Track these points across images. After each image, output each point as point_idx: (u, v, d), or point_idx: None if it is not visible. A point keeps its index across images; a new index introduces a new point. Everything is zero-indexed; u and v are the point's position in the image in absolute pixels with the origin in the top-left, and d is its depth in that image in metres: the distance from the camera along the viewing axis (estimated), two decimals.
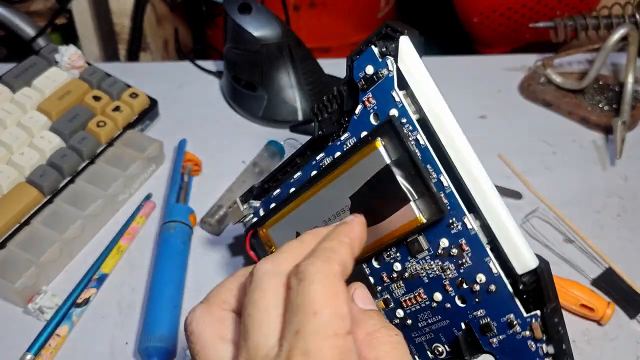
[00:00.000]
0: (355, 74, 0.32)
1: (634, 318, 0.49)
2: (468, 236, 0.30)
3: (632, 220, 0.56)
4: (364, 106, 0.32)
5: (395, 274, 0.34)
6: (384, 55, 0.31)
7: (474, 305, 0.31)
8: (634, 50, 0.62)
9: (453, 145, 0.29)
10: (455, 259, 0.31)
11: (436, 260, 0.32)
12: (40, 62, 0.58)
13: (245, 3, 0.58)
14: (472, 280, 0.31)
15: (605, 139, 0.64)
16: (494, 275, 0.30)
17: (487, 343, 0.31)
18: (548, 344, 0.29)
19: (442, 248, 0.31)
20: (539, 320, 0.29)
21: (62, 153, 0.52)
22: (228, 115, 0.64)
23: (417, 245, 0.32)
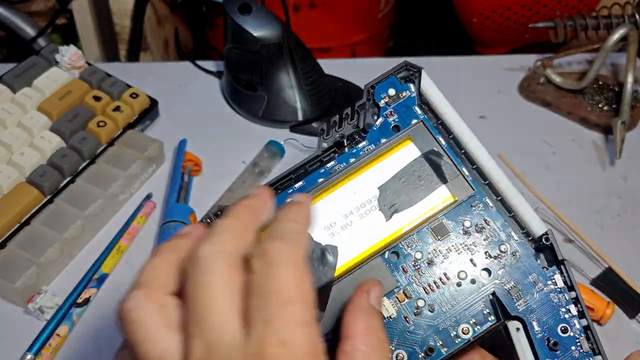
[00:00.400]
0: (377, 96, 0.38)
1: (633, 318, 0.49)
2: (489, 213, 0.36)
3: (632, 220, 0.56)
4: (385, 118, 0.38)
5: (417, 262, 0.36)
6: (406, 81, 0.39)
7: (499, 275, 0.35)
8: (634, 50, 0.62)
9: (468, 145, 0.37)
10: (479, 234, 0.36)
11: (460, 240, 0.36)
12: (40, 62, 0.58)
13: (245, 3, 0.58)
14: (497, 252, 0.36)
15: (605, 139, 0.64)
16: (516, 241, 0.36)
17: (513, 308, 0.35)
18: (569, 291, 0.35)
19: (466, 227, 0.36)
20: (557, 272, 0.35)
21: (63, 153, 0.52)
22: (228, 115, 0.64)
23: (442, 230, 0.36)
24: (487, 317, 0.35)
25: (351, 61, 0.78)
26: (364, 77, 0.68)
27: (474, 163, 0.37)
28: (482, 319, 0.35)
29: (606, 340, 0.47)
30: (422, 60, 0.74)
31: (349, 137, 0.38)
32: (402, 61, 0.39)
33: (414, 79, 0.38)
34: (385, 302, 0.35)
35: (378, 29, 1.02)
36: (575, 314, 0.35)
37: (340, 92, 0.65)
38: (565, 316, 0.35)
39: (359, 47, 1.01)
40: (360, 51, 1.01)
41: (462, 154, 0.37)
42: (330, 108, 0.63)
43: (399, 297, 0.35)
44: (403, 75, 0.39)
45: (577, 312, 0.35)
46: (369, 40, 1.01)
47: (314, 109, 0.62)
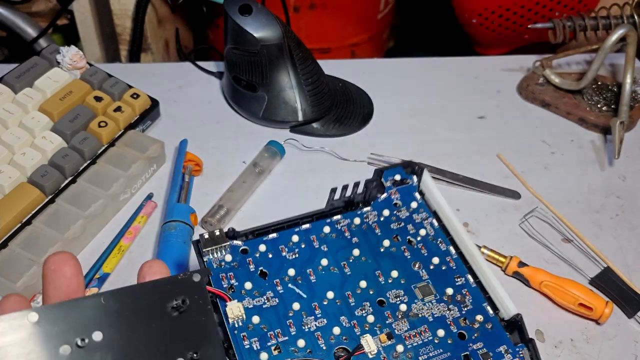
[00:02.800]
0: (385, 178, 0.45)
1: (632, 317, 0.49)
2: (470, 287, 0.41)
3: (630, 219, 0.57)
4: (389, 195, 0.44)
5: (401, 313, 0.39)
6: (410, 173, 0.45)
7: (473, 340, 0.39)
8: (633, 51, 0.62)
9: (455, 230, 0.43)
10: (459, 303, 0.40)
11: (442, 304, 0.40)
12: (41, 63, 0.58)
13: (245, 4, 0.58)
14: (473, 320, 0.40)
15: (604, 139, 0.65)
16: (490, 316, 0.40)
17: None
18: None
19: (448, 295, 0.40)
20: (524, 348, 0.39)
21: (64, 153, 0.53)
22: (228, 115, 0.64)
23: (427, 290, 0.40)
24: None
25: (351, 61, 0.79)
26: (364, 78, 0.69)
27: (458, 248, 0.43)
28: None
29: (605, 339, 0.47)
30: (422, 60, 0.75)
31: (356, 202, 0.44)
32: (409, 160, 0.46)
33: (416, 172, 0.45)
34: (369, 338, 0.37)
35: (378, 29, 1.02)
36: None
37: (340, 93, 0.66)
38: None
39: (359, 47, 1.01)
40: (360, 51, 1.01)
41: (449, 239, 0.43)
42: (330, 108, 0.64)
43: (381, 338, 0.38)
44: (407, 169, 0.45)
45: None
46: (369, 41, 1.01)
47: (314, 109, 0.62)
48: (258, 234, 0.41)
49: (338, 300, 0.39)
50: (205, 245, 0.39)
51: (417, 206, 0.44)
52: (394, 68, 0.72)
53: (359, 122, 0.64)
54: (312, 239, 0.41)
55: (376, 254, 0.41)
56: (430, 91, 0.69)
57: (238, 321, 0.37)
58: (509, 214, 0.56)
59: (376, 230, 0.43)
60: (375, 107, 0.66)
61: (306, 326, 0.38)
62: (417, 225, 0.43)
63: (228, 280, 0.38)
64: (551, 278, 0.49)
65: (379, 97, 0.67)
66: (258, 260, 0.40)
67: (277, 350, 0.36)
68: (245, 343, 0.36)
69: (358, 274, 0.40)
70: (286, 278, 0.39)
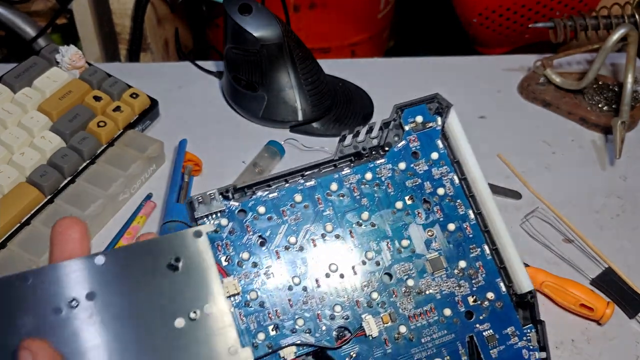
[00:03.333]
0: (405, 119, 0.40)
1: (633, 318, 0.49)
2: (484, 260, 0.38)
3: (631, 220, 0.56)
4: (407, 142, 0.40)
5: (407, 289, 0.37)
6: (434, 113, 0.40)
7: (480, 320, 0.37)
8: (634, 51, 0.62)
9: (477, 188, 0.39)
10: (470, 278, 0.38)
11: (452, 279, 0.38)
12: (40, 63, 0.58)
13: (245, 3, 0.58)
14: (483, 297, 0.38)
15: (605, 139, 0.64)
16: (502, 293, 0.38)
17: (487, 355, 0.37)
18: (540, 351, 0.37)
19: (460, 268, 0.38)
20: (534, 330, 0.37)
21: (63, 153, 0.52)
22: (228, 115, 0.64)
23: (438, 264, 0.38)
24: (462, 357, 0.37)
25: (351, 61, 0.78)
26: (364, 77, 0.69)
27: (479, 209, 0.39)
28: (456, 357, 0.37)
29: (606, 340, 0.47)
30: (422, 60, 0.74)
31: (368, 150, 0.39)
32: (435, 93, 0.40)
33: (442, 112, 0.40)
34: (370, 319, 0.36)
35: (378, 29, 1.02)
36: None
37: (340, 92, 0.66)
38: None
39: (359, 47, 1.01)
40: (360, 51, 1.01)
41: (470, 197, 0.39)
42: (330, 108, 0.63)
43: (383, 319, 0.36)
44: (432, 107, 0.40)
45: None
46: (369, 41, 1.01)
47: (314, 109, 0.62)
48: (257, 190, 0.38)
49: (341, 274, 0.37)
50: (199, 210, 0.36)
51: (437, 157, 0.40)
52: (394, 68, 0.72)
53: (359, 122, 0.64)
54: (316, 198, 0.38)
55: (387, 219, 0.38)
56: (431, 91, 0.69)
57: (235, 297, 0.35)
58: (509, 214, 0.56)
59: (389, 188, 0.39)
60: (375, 107, 0.66)
61: (306, 304, 0.36)
62: (435, 182, 0.39)
63: (224, 249, 0.36)
64: (552, 278, 0.49)
65: (379, 96, 0.67)
66: (256, 225, 0.37)
67: (274, 331, 0.35)
68: (241, 322, 0.35)
69: (365, 243, 0.38)
70: (286, 247, 0.37)
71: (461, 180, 0.39)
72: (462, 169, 0.39)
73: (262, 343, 0.35)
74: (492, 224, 0.38)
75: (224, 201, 0.37)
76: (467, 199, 0.39)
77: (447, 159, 0.40)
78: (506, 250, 0.38)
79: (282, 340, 0.35)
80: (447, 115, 0.40)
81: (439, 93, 0.40)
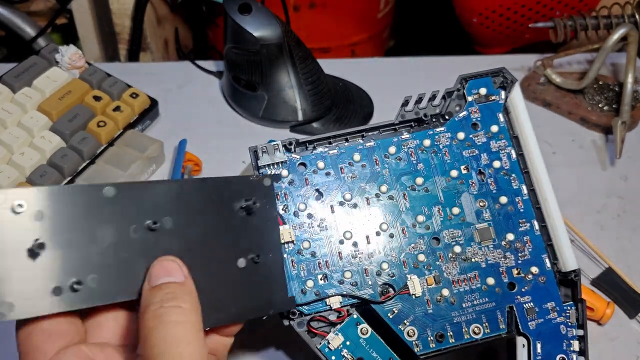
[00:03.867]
0: (469, 90, 0.40)
1: (633, 318, 0.49)
2: (533, 235, 0.39)
3: (632, 220, 0.56)
4: (468, 113, 0.40)
5: (454, 254, 0.38)
6: (498, 87, 0.40)
7: (522, 292, 0.38)
8: (634, 50, 0.62)
9: (533, 165, 0.39)
10: (517, 251, 0.38)
11: (498, 250, 0.38)
12: (40, 62, 0.58)
13: (245, 3, 0.58)
14: (527, 271, 0.38)
15: (605, 139, 0.64)
16: (547, 269, 0.38)
17: (526, 326, 0.37)
18: (578, 328, 0.38)
19: (507, 240, 0.38)
20: (574, 308, 0.38)
21: (63, 153, 0.52)
22: (228, 115, 0.64)
23: (486, 234, 0.38)
24: (500, 325, 0.37)
25: (351, 61, 0.78)
26: (364, 77, 0.69)
27: (533, 186, 0.39)
28: (495, 326, 0.37)
29: (606, 340, 0.47)
30: (423, 60, 0.74)
31: (429, 117, 0.40)
32: (501, 66, 0.40)
33: (506, 86, 0.40)
34: (415, 279, 0.37)
35: (378, 29, 1.02)
36: (576, 350, 0.37)
37: (340, 92, 0.65)
38: (567, 349, 0.37)
39: (359, 47, 1.01)
40: (360, 51, 1.01)
41: (525, 173, 0.40)
42: (330, 108, 0.63)
43: (427, 280, 0.37)
44: (497, 80, 0.40)
45: (578, 348, 0.37)
46: (369, 40, 1.01)
47: (314, 109, 0.62)
48: (318, 146, 0.39)
49: (391, 233, 0.38)
50: (262, 159, 0.38)
51: (497, 130, 0.40)
52: (394, 67, 0.72)
53: (359, 122, 0.64)
54: (374, 159, 0.39)
55: (441, 186, 0.39)
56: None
57: (288, 245, 0.37)
58: None
59: (446, 156, 0.39)
60: (375, 107, 0.66)
61: (355, 258, 0.37)
62: (492, 155, 0.40)
63: (282, 198, 0.37)
64: None
65: (379, 96, 0.66)
66: (315, 178, 0.38)
67: (323, 280, 0.37)
68: (292, 268, 0.36)
69: (417, 206, 0.38)
70: (341, 203, 0.38)
71: (518, 155, 0.40)
72: (520, 144, 0.40)
73: (311, 290, 0.36)
74: (544, 203, 0.39)
75: (287, 153, 0.38)
76: (522, 174, 0.39)
77: (506, 133, 0.40)
78: (555, 228, 0.39)
79: (329, 289, 0.36)
80: (510, 90, 0.40)
81: (505, 67, 0.40)
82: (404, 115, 0.40)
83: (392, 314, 0.37)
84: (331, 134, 0.39)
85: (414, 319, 0.37)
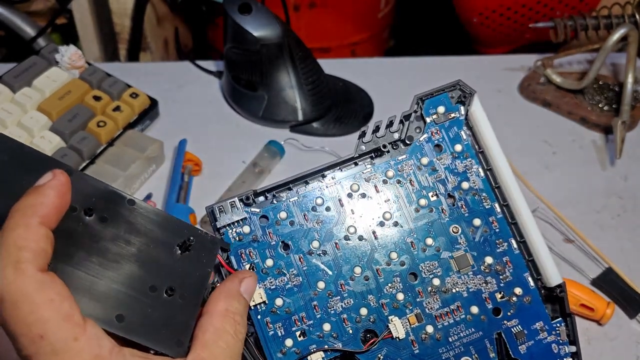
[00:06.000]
0: (426, 110, 0.38)
1: (633, 318, 0.49)
2: (512, 254, 0.37)
3: (632, 220, 0.56)
4: (429, 135, 0.38)
5: (433, 288, 0.37)
6: (457, 102, 0.39)
7: (508, 316, 0.37)
8: (634, 50, 0.62)
9: (502, 178, 0.38)
10: (497, 274, 0.37)
11: (479, 276, 0.37)
12: (40, 62, 0.58)
13: (245, 3, 0.58)
14: (511, 293, 0.37)
15: (605, 139, 0.64)
16: (530, 288, 0.37)
17: (516, 351, 0.36)
18: (570, 345, 0.37)
19: (486, 264, 0.37)
20: (563, 324, 0.37)
21: (63, 153, 0.52)
22: (228, 115, 0.64)
23: (464, 261, 0.37)
24: (489, 354, 0.37)
25: (351, 61, 0.78)
26: (364, 77, 0.69)
27: (505, 200, 0.38)
28: (484, 356, 0.37)
29: (606, 340, 0.47)
30: (423, 60, 0.74)
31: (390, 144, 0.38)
32: (457, 79, 0.39)
33: (465, 100, 0.39)
34: (396, 321, 0.36)
35: (378, 28, 1.02)
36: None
37: (340, 92, 0.65)
38: None
39: (359, 47, 1.00)
40: (360, 51, 1.01)
41: (496, 188, 0.38)
42: (330, 108, 0.63)
43: (410, 320, 0.36)
44: (455, 95, 0.39)
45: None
46: (369, 40, 1.01)
47: (314, 108, 0.62)
48: (277, 193, 0.37)
49: (366, 276, 0.36)
50: (221, 220, 0.36)
51: (461, 149, 0.38)
52: (394, 67, 0.72)
53: (359, 122, 0.64)
54: (338, 200, 0.37)
55: (410, 217, 0.37)
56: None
57: (260, 306, 0.35)
58: None
59: (411, 185, 0.38)
60: (375, 107, 0.66)
61: (332, 308, 0.36)
62: (460, 176, 0.38)
63: (248, 257, 0.36)
64: None
65: (379, 96, 0.66)
66: (279, 230, 0.36)
67: (302, 336, 0.35)
68: (269, 329, 0.35)
69: (389, 243, 0.37)
70: (310, 252, 0.36)
71: (486, 172, 0.38)
72: (487, 159, 0.38)
73: (290, 349, 0.35)
74: (519, 216, 0.38)
75: (245, 208, 0.36)
76: (493, 191, 0.38)
77: (471, 150, 0.39)
78: (533, 242, 0.37)
79: (310, 345, 0.35)
80: (470, 103, 0.38)
81: (461, 80, 0.39)
82: (363, 147, 0.38)
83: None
84: (289, 179, 0.37)
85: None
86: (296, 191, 0.37)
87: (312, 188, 0.37)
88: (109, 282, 0.29)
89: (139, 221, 0.31)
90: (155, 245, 0.31)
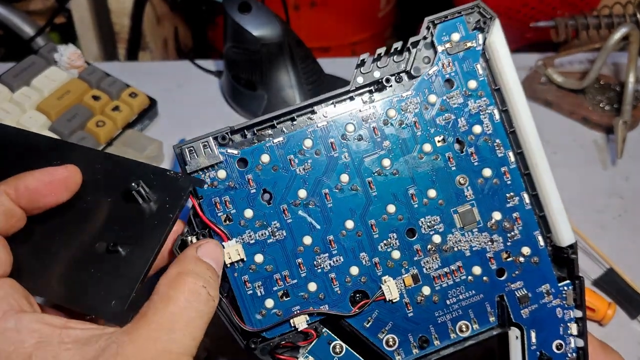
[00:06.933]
0: (438, 37, 0.32)
1: (634, 318, 0.49)
2: (523, 210, 0.33)
3: (633, 220, 0.56)
4: (440, 68, 0.33)
5: (433, 246, 0.33)
6: (474, 29, 0.33)
7: (513, 278, 0.33)
8: (635, 50, 0.62)
9: (520, 121, 0.33)
10: (505, 232, 0.33)
11: (484, 233, 0.33)
12: (39, 62, 0.58)
13: (245, 2, 0.58)
14: (517, 253, 0.33)
15: (607, 138, 0.64)
16: (540, 248, 0.34)
17: (518, 315, 0.33)
18: (576, 309, 0.34)
19: (494, 221, 0.33)
20: (570, 287, 0.33)
21: None
22: (228, 114, 0.64)
23: (469, 216, 0.33)
24: (489, 317, 0.34)
25: (352, 60, 0.78)
26: None
27: (520, 147, 0.33)
28: (484, 320, 0.34)
29: (608, 341, 0.47)
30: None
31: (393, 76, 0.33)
32: (476, 1, 0.33)
33: (484, 27, 0.33)
34: (390, 282, 0.32)
35: (378, 28, 1.02)
36: (574, 333, 0.34)
37: None
38: (563, 333, 0.34)
39: (359, 46, 1.00)
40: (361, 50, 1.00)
41: (510, 133, 0.34)
42: None
43: (405, 281, 0.33)
44: (472, 19, 0.33)
45: (577, 331, 0.34)
46: (369, 40, 1.01)
47: None
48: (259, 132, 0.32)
49: (359, 231, 0.32)
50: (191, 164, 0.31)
51: (476, 86, 0.33)
52: None
53: None
54: (329, 143, 0.33)
55: (412, 165, 0.33)
56: None
57: (238, 263, 0.31)
58: None
59: (416, 128, 0.33)
60: None
61: (319, 267, 0.32)
62: (471, 118, 0.33)
63: (224, 207, 0.31)
64: None
65: None
66: (260, 176, 0.32)
67: (284, 297, 0.32)
68: (247, 288, 0.31)
69: (386, 194, 0.33)
70: (295, 202, 0.32)
71: (501, 113, 0.34)
72: (504, 97, 0.34)
73: (271, 310, 0.32)
74: (534, 165, 0.33)
75: (221, 149, 0.32)
76: (507, 136, 0.34)
77: (486, 88, 0.33)
78: (548, 195, 0.33)
79: (293, 307, 0.32)
80: (489, 30, 0.32)
81: (481, 1, 0.33)
82: (361, 78, 0.33)
83: (368, 323, 0.32)
84: (274, 114, 0.32)
85: (393, 326, 0.32)
86: (281, 129, 0.32)
87: (300, 127, 0.32)
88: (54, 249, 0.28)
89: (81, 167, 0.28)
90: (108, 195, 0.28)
